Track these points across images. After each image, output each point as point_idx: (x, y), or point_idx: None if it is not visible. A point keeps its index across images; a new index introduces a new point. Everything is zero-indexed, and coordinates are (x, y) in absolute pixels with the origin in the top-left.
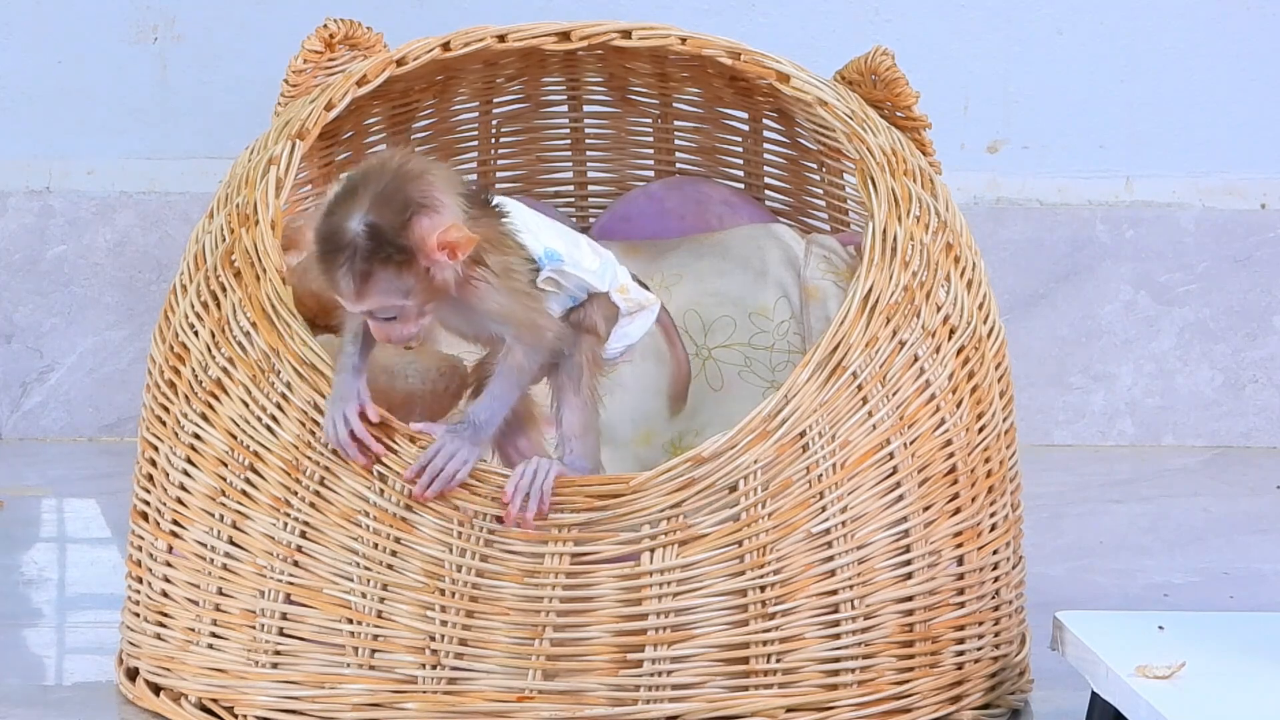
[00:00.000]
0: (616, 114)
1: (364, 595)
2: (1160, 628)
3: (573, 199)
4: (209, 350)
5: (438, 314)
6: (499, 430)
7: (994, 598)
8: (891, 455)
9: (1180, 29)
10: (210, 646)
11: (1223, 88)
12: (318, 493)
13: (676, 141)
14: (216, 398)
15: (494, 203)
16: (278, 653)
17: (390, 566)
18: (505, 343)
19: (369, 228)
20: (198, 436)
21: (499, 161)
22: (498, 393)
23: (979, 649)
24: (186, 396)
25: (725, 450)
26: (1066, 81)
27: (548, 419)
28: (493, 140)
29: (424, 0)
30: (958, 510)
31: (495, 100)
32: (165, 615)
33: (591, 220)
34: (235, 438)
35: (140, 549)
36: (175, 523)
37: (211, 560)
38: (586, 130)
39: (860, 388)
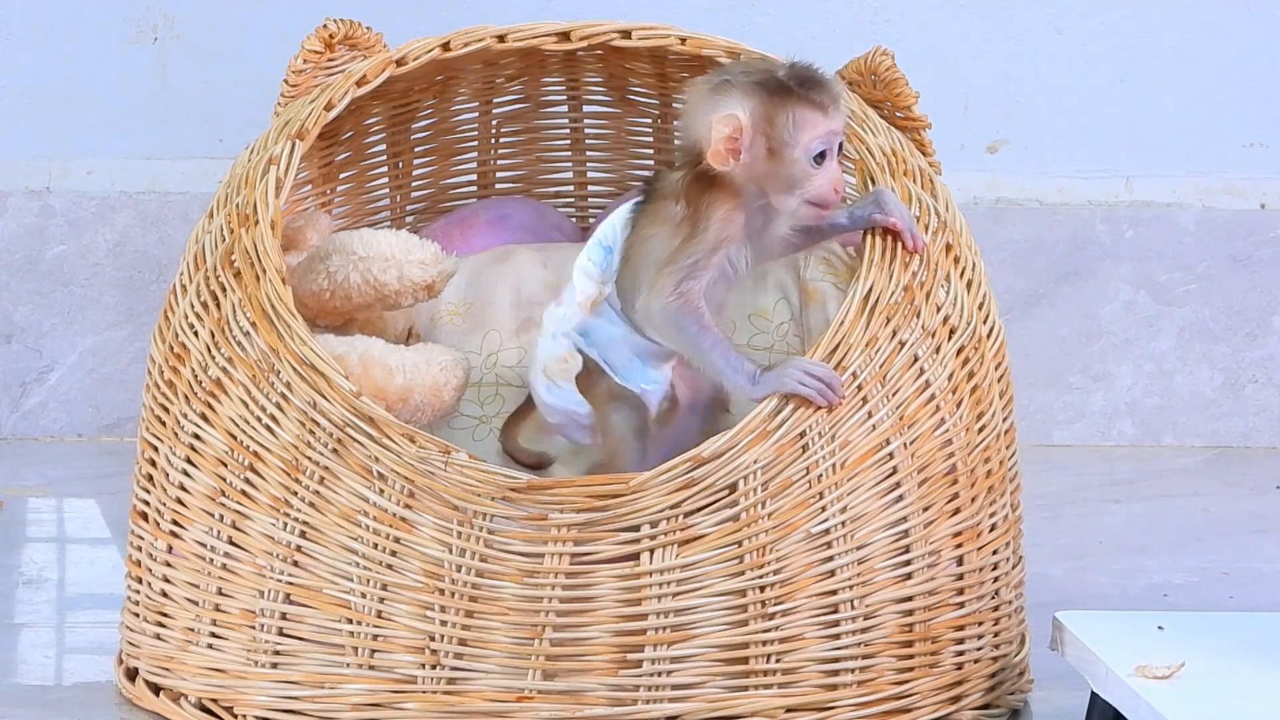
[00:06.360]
0: (616, 114)
1: (364, 595)
2: (1160, 628)
3: (572, 199)
4: (209, 350)
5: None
6: None
7: (994, 598)
8: (891, 455)
9: (1180, 29)
10: (210, 646)
11: (1223, 88)
12: (317, 492)
13: (676, 141)
14: (216, 398)
15: None
16: (277, 653)
17: (390, 566)
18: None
19: None
20: (197, 436)
21: (499, 162)
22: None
23: (979, 649)
24: (186, 396)
25: (725, 450)
26: (1066, 81)
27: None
28: (493, 140)
29: (424, 0)
30: (957, 510)
31: (495, 100)
32: (165, 615)
33: (591, 220)
34: (235, 438)
35: (140, 549)
36: (175, 523)
37: (211, 560)
38: (586, 130)
39: (860, 388)
